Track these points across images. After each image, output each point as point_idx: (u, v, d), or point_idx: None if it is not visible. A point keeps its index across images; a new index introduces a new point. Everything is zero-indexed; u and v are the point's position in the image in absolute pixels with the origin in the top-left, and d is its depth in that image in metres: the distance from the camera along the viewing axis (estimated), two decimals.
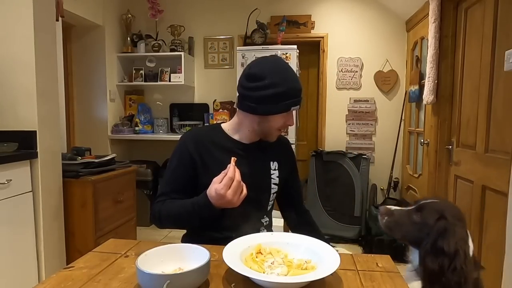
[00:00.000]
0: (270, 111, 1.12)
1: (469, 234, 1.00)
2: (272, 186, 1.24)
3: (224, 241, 0.92)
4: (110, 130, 3.56)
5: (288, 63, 3.25)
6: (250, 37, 3.41)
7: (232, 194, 0.96)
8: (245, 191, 1.00)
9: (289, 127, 3.17)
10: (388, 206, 1.07)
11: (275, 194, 1.27)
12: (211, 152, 1.17)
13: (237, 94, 1.20)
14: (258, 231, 1.24)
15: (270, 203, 1.27)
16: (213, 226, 1.18)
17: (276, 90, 1.09)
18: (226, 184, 0.96)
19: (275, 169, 1.25)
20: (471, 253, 0.97)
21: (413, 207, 1.05)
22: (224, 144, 1.20)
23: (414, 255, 1.01)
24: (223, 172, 0.98)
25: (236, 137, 1.22)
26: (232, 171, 0.97)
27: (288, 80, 1.12)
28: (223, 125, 1.26)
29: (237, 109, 1.22)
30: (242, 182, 0.99)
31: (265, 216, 1.28)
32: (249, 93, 1.14)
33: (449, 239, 0.93)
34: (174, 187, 1.17)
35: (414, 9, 3.15)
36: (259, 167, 1.23)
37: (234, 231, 1.15)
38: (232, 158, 1.00)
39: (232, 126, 1.24)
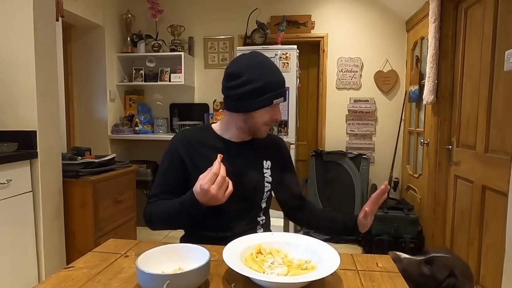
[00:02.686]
0: (251, 107, 1.12)
1: None
2: (265, 184, 1.24)
3: (221, 241, 0.92)
4: (110, 130, 3.56)
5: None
6: (250, 37, 3.41)
7: (217, 189, 0.95)
8: (230, 187, 0.99)
9: (289, 127, 3.19)
10: (397, 253, 1.08)
11: (268, 193, 1.26)
12: (201, 152, 1.18)
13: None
14: (254, 230, 1.24)
15: (264, 201, 1.26)
16: (209, 226, 1.18)
17: (254, 85, 1.10)
18: (210, 179, 0.95)
19: (267, 168, 1.25)
20: None
21: (423, 257, 1.06)
22: (214, 144, 1.20)
23: None
24: (209, 169, 0.98)
25: (225, 136, 1.22)
26: (216, 167, 0.96)
27: (265, 74, 1.11)
28: (213, 126, 1.26)
29: (225, 110, 1.23)
30: (227, 179, 0.98)
31: (261, 215, 1.27)
32: (229, 92, 1.15)
33: None
34: (165, 189, 1.17)
35: (414, 9, 3.15)
36: (251, 166, 1.23)
37: (230, 230, 1.16)
38: (219, 154, 0.99)
39: (221, 126, 1.24)
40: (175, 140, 1.22)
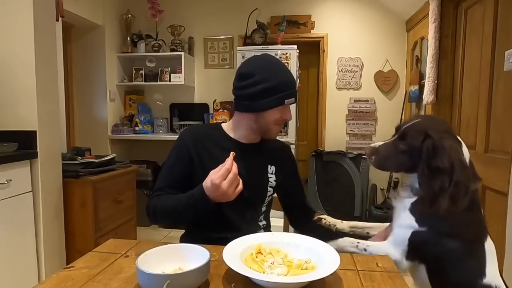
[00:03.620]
0: (263, 107, 1.13)
1: (461, 141, 0.95)
2: (268, 189, 1.24)
3: (221, 241, 0.92)
4: (110, 130, 3.56)
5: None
6: (250, 37, 3.42)
7: (228, 185, 0.96)
8: (240, 185, 1.00)
9: (289, 127, 3.18)
10: (371, 145, 1.02)
11: (270, 197, 1.26)
12: (209, 150, 1.18)
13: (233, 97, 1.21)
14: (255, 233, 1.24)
15: (265, 205, 1.26)
16: (209, 226, 1.18)
17: (266, 85, 1.10)
18: (222, 174, 0.96)
19: (272, 173, 1.25)
20: (467, 160, 0.93)
21: (396, 136, 0.99)
22: (222, 143, 1.20)
23: (412, 179, 0.97)
24: (221, 165, 0.98)
25: (234, 136, 1.23)
26: (229, 163, 0.97)
27: (277, 74, 1.12)
28: (223, 125, 1.26)
29: (235, 111, 1.23)
30: (238, 177, 0.99)
31: (262, 219, 1.28)
32: (241, 92, 1.15)
33: (441, 155, 0.88)
34: (170, 183, 1.17)
35: (414, 9, 3.15)
36: (256, 169, 1.23)
37: (230, 232, 1.15)
38: (231, 152, 1.00)
39: (231, 126, 1.24)
40: (185, 135, 1.22)
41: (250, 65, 1.16)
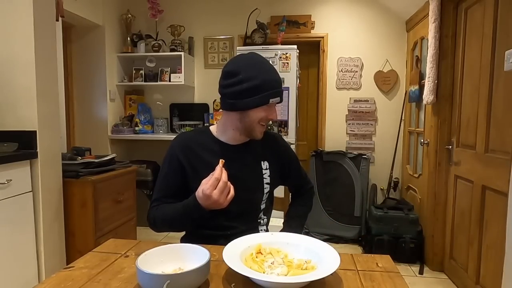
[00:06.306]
0: (247, 105, 1.12)
1: None
2: (265, 185, 1.24)
3: (221, 238, 0.92)
4: (110, 130, 3.56)
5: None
6: (250, 37, 3.42)
7: (218, 194, 0.97)
8: (232, 192, 1.00)
9: (289, 127, 3.18)
10: None
11: (268, 194, 1.26)
12: (199, 156, 1.18)
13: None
14: (256, 229, 1.25)
15: (264, 202, 1.26)
16: (210, 226, 1.18)
17: (251, 83, 1.10)
18: (212, 184, 0.97)
19: (266, 169, 1.25)
20: None
21: None
22: (212, 147, 1.20)
23: None
24: (211, 173, 0.99)
25: (223, 139, 1.22)
26: (218, 172, 0.98)
27: (263, 73, 1.12)
28: (211, 128, 1.27)
29: (222, 110, 1.23)
30: (229, 183, 1.00)
31: (262, 216, 1.28)
32: (226, 90, 1.15)
33: None
34: (166, 193, 1.19)
35: (414, 9, 3.15)
36: (250, 168, 1.23)
37: (231, 229, 1.17)
38: (220, 160, 1.01)
39: (219, 128, 1.24)
40: (174, 144, 1.22)
41: (235, 63, 1.16)
